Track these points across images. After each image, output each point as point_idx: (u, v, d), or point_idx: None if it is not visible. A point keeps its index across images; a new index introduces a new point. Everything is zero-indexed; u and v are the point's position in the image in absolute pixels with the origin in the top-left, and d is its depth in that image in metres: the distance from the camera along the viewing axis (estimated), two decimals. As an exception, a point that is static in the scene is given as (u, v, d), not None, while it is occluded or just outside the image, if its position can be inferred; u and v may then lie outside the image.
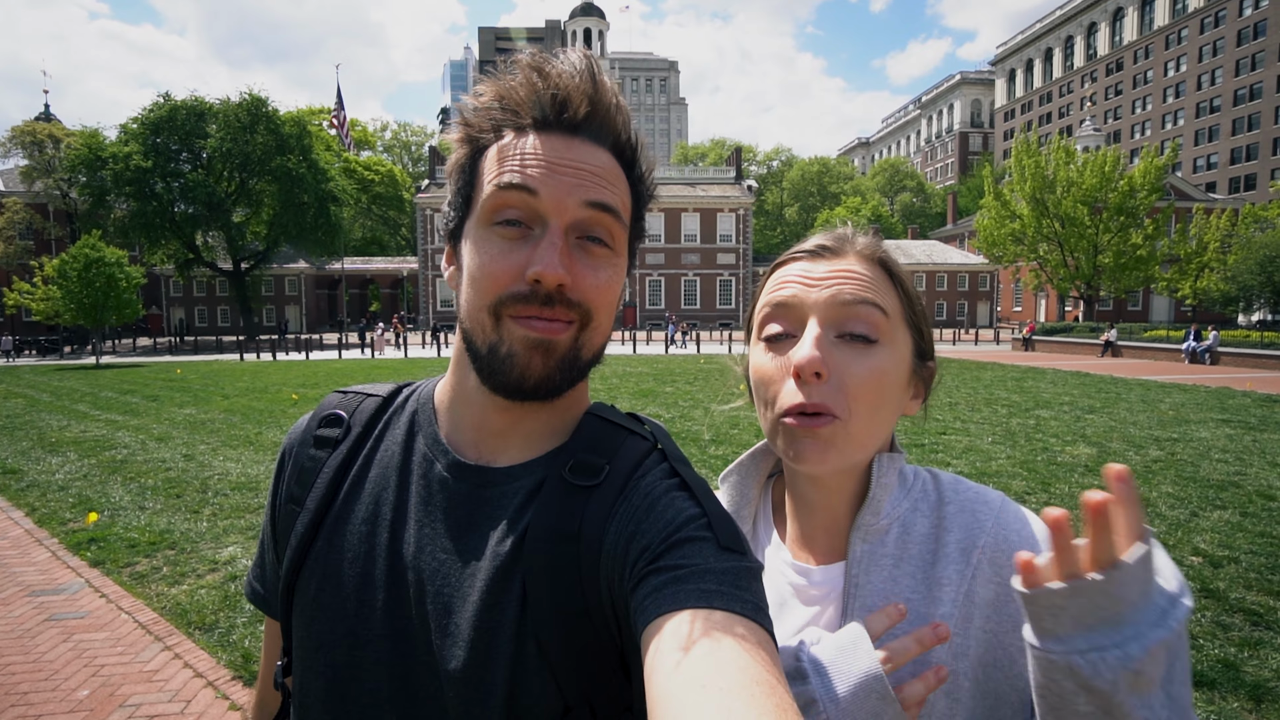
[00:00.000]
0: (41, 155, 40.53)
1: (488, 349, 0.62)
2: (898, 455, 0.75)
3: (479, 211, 0.62)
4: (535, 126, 0.62)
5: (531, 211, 0.61)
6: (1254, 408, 11.99)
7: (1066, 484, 6.69)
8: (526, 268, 0.59)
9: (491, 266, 0.61)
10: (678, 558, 0.54)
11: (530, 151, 0.61)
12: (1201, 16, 67.15)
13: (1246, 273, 34.07)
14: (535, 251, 0.59)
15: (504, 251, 0.61)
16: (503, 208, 0.61)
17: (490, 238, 0.61)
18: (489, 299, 0.61)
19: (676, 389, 15.05)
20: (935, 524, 0.72)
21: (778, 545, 0.80)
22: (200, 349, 36.37)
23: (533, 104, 0.62)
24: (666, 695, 0.45)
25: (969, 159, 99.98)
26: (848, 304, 0.70)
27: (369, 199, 61.56)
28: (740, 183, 56.36)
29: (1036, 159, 34.13)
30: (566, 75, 0.61)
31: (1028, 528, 0.70)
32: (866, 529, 0.72)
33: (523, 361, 0.61)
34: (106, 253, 26.13)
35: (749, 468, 0.84)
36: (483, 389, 0.64)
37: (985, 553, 0.68)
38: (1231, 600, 4.05)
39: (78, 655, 3.59)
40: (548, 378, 0.62)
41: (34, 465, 7.99)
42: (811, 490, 0.76)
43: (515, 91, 0.62)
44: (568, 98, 0.61)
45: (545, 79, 0.61)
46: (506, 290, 0.60)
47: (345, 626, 0.64)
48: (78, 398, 14.77)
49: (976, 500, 0.73)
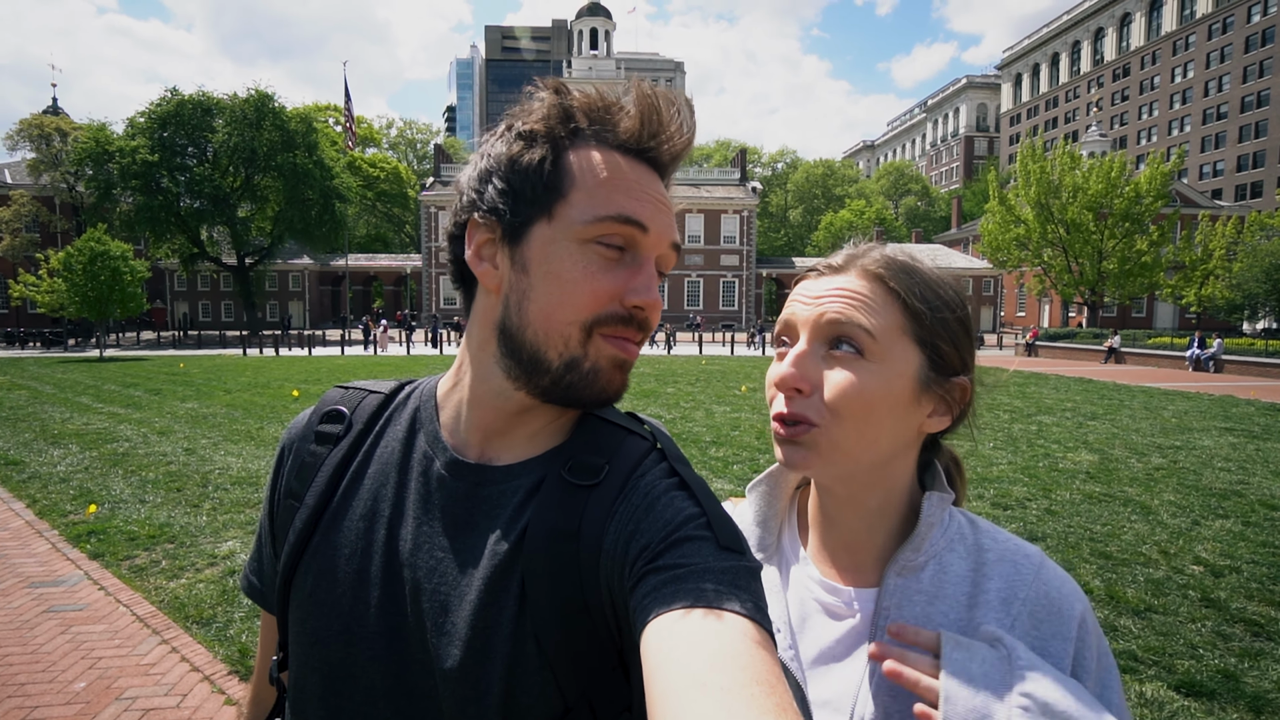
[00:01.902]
0: (49, 148, 40.62)
1: (565, 362, 0.62)
2: (947, 496, 0.76)
3: (575, 225, 0.61)
4: (622, 150, 0.64)
5: (634, 241, 0.63)
6: (1258, 416, 11.95)
7: (1067, 490, 6.67)
8: (624, 292, 0.62)
9: (591, 283, 0.61)
10: (677, 557, 0.54)
11: (634, 180, 0.63)
12: (1209, 22, 66.92)
13: (1252, 280, 33.93)
14: (637, 279, 0.62)
15: (604, 270, 0.62)
16: (611, 233, 0.62)
17: (589, 254, 0.62)
18: (584, 315, 0.61)
19: (678, 389, 15.04)
20: (973, 568, 0.72)
21: (805, 560, 0.80)
22: (203, 343, 36.45)
23: (631, 127, 0.63)
24: (666, 694, 0.45)
25: (974, 163, 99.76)
26: (832, 323, 0.72)
27: (374, 196, 61.65)
28: (745, 184, 56.32)
29: (1042, 164, 34.06)
30: (679, 121, 0.64)
31: (1067, 585, 0.71)
32: (904, 564, 0.73)
33: (606, 378, 0.63)
34: (112, 246, 26.16)
35: (778, 477, 0.84)
36: (512, 393, 0.65)
37: (1025, 605, 0.69)
38: (1233, 610, 4.02)
39: (75, 647, 3.60)
40: (623, 390, 0.66)
41: (36, 457, 8.01)
42: (831, 504, 0.77)
43: (622, 108, 0.64)
44: (679, 149, 0.65)
45: (655, 110, 0.63)
46: (605, 310, 0.62)
47: (341, 623, 0.64)
48: (81, 390, 14.81)
49: (1018, 552, 0.73)
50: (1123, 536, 5.34)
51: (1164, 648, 3.57)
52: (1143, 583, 4.41)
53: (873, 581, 0.75)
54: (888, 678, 0.65)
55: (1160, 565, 4.73)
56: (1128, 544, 5.16)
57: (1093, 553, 4.94)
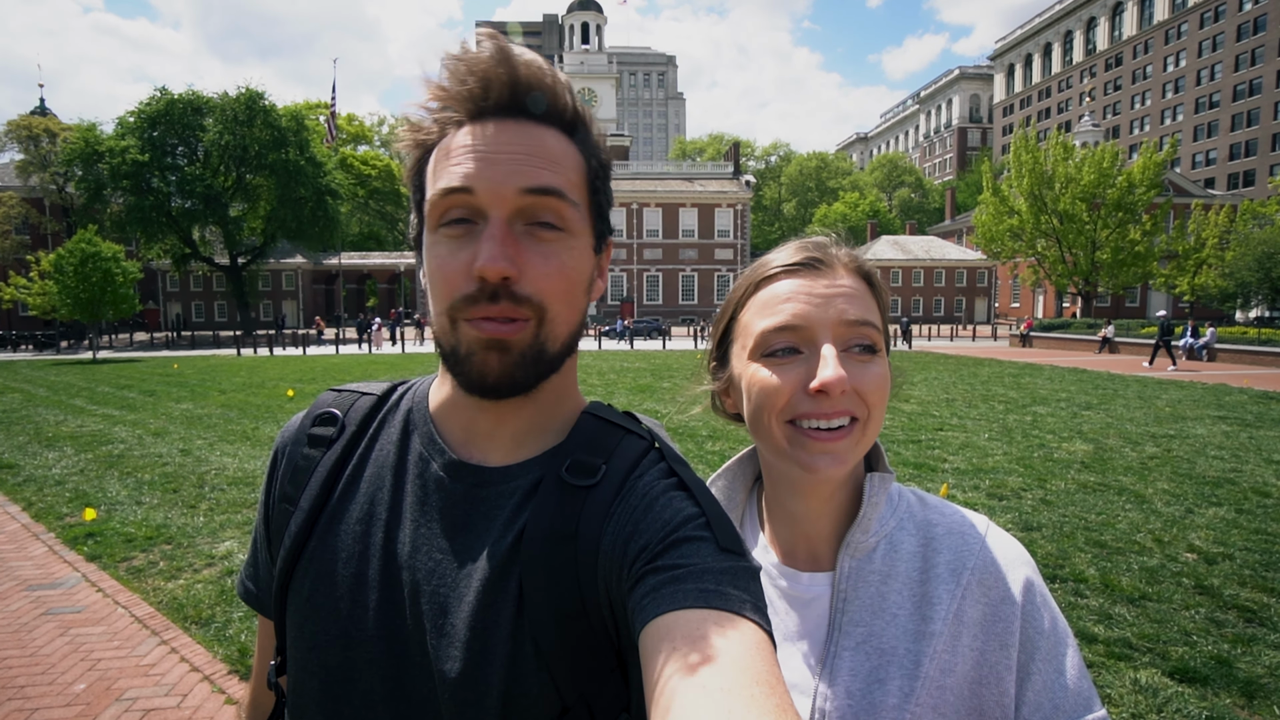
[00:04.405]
0: (37, 149, 40.30)
1: (450, 351, 0.62)
2: (888, 475, 0.77)
3: (427, 218, 0.62)
4: (470, 119, 0.61)
5: (472, 208, 0.59)
6: (1250, 405, 12.03)
7: (1062, 480, 6.71)
8: (472, 264, 0.58)
9: (442, 269, 0.60)
10: (676, 557, 0.54)
11: (462, 145, 0.59)
12: (1201, 11, 67.00)
13: (1244, 269, 34.08)
14: (478, 247, 0.58)
15: (451, 252, 0.60)
16: (445, 210, 0.60)
17: (439, 240, 0.61)
18: (444, 303, 0.60)
19: (674, 384, 15.05)
20: (923, 543, 0.75)
21: (763, 548, 0.82)
22: (197, 344, 36.28)
23: (463, 97, 0.60)
24: (666, 696, 0.45)
25: (967, 154, 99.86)
26: (851, 324, 0.72)
27: (366, 194, 61.33)
28: (738, 178, 56.26)
29: (1035, 154, 34.12)
30: (485, 61, 0.59)
31: (1012, 550, 0.73)
32: (855, 546, 0.75)
33: (479, 362, 0.60)
34: (103, 247, 25.96)
35: (736, 473, 0.87)
36: (462, 391, 0.64)
37: (975, 574, 0.71)
38: (1225, 597, 4.06)
39: (74, 649, 3.59)
40: (508, 375, 0.60)
41: (31, 460, 7.98)
42: (797, 502, 0.77)
43: (446, 89, 0.61)
44: (488, 83, 0.59)
45: (469, 69, 0.59)
46: (459, 293, 0.59)
47: (339, 627, 0.63)
48: (74, 392, 14.74)
49: (964, 523, 0.76)
50: (1117, 525, 5.38)
51: (1158, 634, 3.61)
52: (1137, 570, 4.45)
53: (828, 565, 0.76)
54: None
55: (1154, 553, 4.77)
56: (1122, 532, 5.20)
57: (1088, 541, 4.98)
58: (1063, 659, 0.68)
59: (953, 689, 0.68)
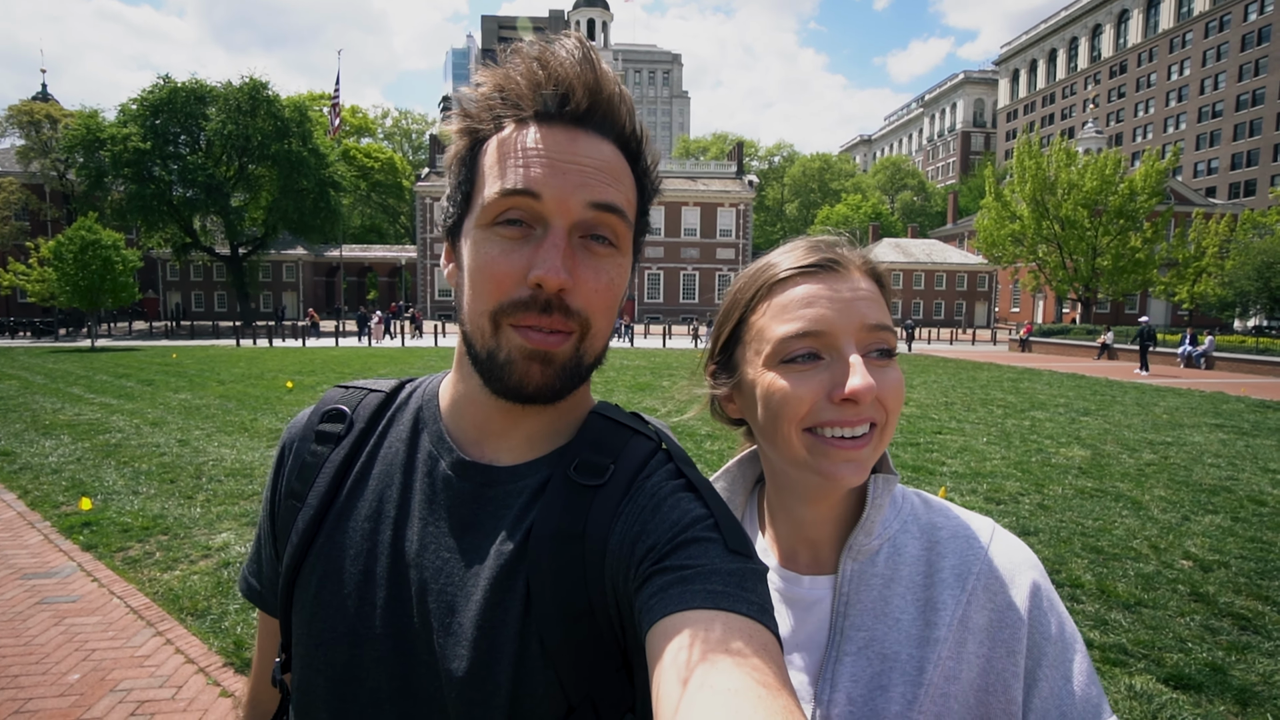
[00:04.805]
0: (38, 135, 40.15)
1: (486, 354, 0.60)
2: (892, 477, 0.75)
3: (479, 211, 0.60)
4: (536, 119, 0.59)
5: (534, 213, 0.58)
6: (1247, 413, 12.05)
7: (1060, 485, 6.72)
8: (528, 270, 0.57)
9: (492, 269, 0.58)
10: (684, 558, 0.53)
11: (532, 148, 0.58)
12: (1206, 20, 67.01)
13: (1244, 278, 34.14)
14: (537, 253, 0.57)
15: (505, 252, 0.58)
16: (504, 209, 0.58)
17: (491, 238, 0.59)
18: (489, 304, 0.59)
19: (673, 382, 15.03)
20: (927, 547, 0.73)
21: (763, 550, 0.81)
22: (196, 334, 36.22)
23: (534, 96, 0.59)
24: (673, 696, 0.45)
25: (970, 159, 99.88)
26: (872, 328, 0.71)
27: (368, 186, 61.34)
28: (741, 178, 56.24)
29: (1038, 160, 34.12)
30: (568, 64, 0.58)
31: (1019, 554, 0.71)
32: (858, 548, 0.73)
33: (520, 370, 0.59)
34: (103, 235, 25.88)
35: (737, 475, 0.86)
36: (485, 390, 0.63)
37: (980, 579, 0.70)
38: (1221, 604, 4.07)
39: (69, 639, 3.59)
40: (547, 385, 0.60)
41: (27, 448, 7.96)
42: (806, 508, 0.76)
43: (515, 82, 0.59)
44: (570, 89, 0.58)
45: (546, 69, 0.58)
46: (508, 297, 0.58)
47: (346, 625, 0.63)
48: (72, 381, 14.71)
49: (969, 526, 0.74)
50: (1114, 531, 5.38)
51: (1153, 641, 3.61)
52: (1133, 577, 4.45)
53: (830, 568, 0.75)
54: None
55: (1150, 560, 4.78)
56: (1119, 539, 5.20)
57: (1084, 547, 4.99)
58: (1070, 665, 0.66)
59: (957, 696, 0.67)
